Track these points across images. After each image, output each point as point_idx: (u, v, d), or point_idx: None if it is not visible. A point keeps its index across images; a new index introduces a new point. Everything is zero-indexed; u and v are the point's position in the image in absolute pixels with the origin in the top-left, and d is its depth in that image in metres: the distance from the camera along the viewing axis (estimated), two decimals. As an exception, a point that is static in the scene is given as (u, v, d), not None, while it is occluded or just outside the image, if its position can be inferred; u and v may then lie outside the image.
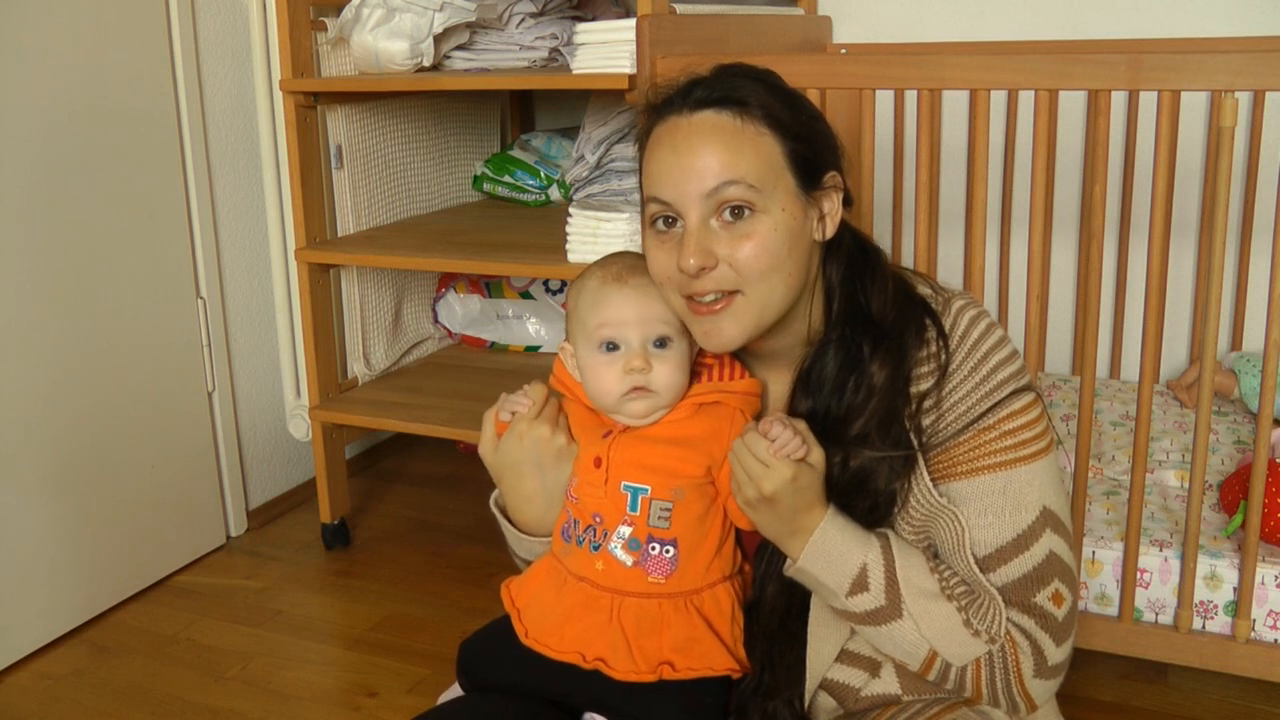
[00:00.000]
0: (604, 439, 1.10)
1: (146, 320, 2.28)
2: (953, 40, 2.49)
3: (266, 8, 2.39)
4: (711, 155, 1.02)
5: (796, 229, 1.05)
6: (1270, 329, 1.56)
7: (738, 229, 1.03)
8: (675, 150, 1.04)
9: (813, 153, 1.06)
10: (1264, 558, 1.69)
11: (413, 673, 2.00)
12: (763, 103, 1.04)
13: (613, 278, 1.10)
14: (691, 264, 1.02)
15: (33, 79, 2.01)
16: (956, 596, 1.05)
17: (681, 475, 1.08)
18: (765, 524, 1.06)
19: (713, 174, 1.02)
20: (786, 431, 1.02)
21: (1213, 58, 1.49)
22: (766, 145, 1.03)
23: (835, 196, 1.09)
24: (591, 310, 1.10)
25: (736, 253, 1.03)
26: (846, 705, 1.15)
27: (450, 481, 2.84)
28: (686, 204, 1.03)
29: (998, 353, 1.08)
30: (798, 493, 1.03)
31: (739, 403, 1.11)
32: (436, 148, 2.77)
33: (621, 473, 1.08)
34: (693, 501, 1.08)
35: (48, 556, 2.11)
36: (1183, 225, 2.41)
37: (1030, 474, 1.07)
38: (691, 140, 1.03)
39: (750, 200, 1.02)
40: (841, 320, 1.10)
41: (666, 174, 1.04)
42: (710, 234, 1.03)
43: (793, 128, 1.05)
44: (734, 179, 1.02)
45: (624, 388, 1.07)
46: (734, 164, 1.02)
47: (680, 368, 1.09)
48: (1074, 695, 1.83)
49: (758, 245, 1.02)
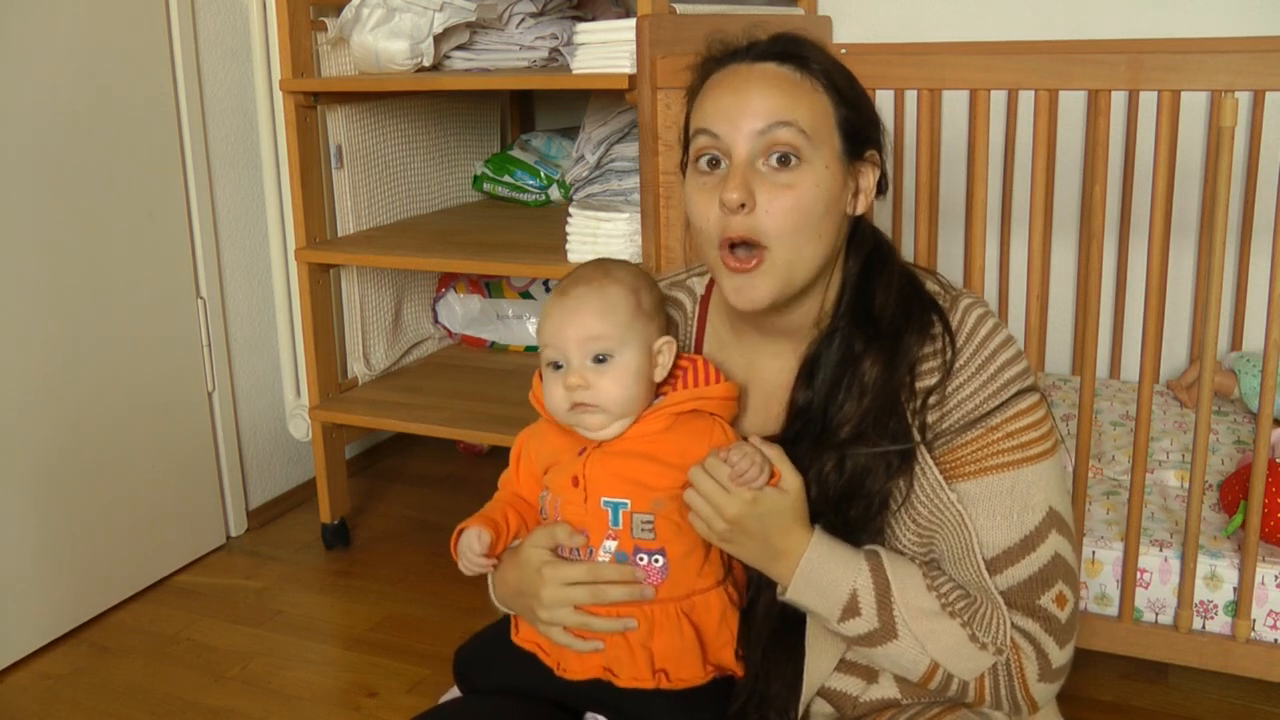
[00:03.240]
0: (579, 456, 1.09)
1: (146, 320, 2.28)
2: (953, 40, 2.48)
3: (266, 7, 2.39)
4: (769, 97, 1.03)
5: (835, 193, 1.05)
6: (1270, 329, 1.56)
7: (782, 177, 1.02)
8: (734, 89, 1.04)
9: (861, 124, 1.07)
10: (1264, 558, 1.69)
11: (413, 673, 2.00)
12: (823, 65, 1.05)
13: (559, 292, 1.10)
14: (734, 197, 1.01)
15: (33, 79, 2.01)
16: (959, 612, 1.05)
17: (658, 488, 1.07)
18: (742, 553, 1.06)
19: (767, 112, 1.02)
20: (745, 460, 1.02)
21: (1213, 58, 1.49)
22: (821, 103, 1.04)
23: (871, 175, 1.10)
24: (541, 326, 1.10)
25: (775, 201, 1.02)
26: (844, 712, 1.14)
27: (450, 481, 2.84)
28: (736, 138, 1.03)
29: (1004, 352, 1.08)
30: (763, 517, 1.03)
31: (717, 408, 1.10)
32: (436, 148, 2.77)
33: (599, 489, 1.07)
34: (673, 511, 1.07)
35: (48, 556, 2.10)
36: (1183, 225, 2.41)
37: (1036, 474, 1.07)
38: (751, 82, 1.04)
39: (799, 147, 1.02)
40: (847, 312, 1.10)
41: (721, 109, 1.04)
42: (755, 174, 1.03)
43: (848, 95, 1.06)
44: (788, 120, 1.02)
45: (566, 404, 1.07)
46: (790, 108, 1.02)
47: (622, 381, 1.07)
48: (1074, 695, 1.83)
49: (796, 198, 1.02)
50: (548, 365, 1.09)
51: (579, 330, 1.07)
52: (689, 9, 2.02)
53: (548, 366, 1.09)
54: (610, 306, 1.07)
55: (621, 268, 1.12)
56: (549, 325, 1.09)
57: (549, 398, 1.09)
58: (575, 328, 1.07)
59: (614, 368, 1.07)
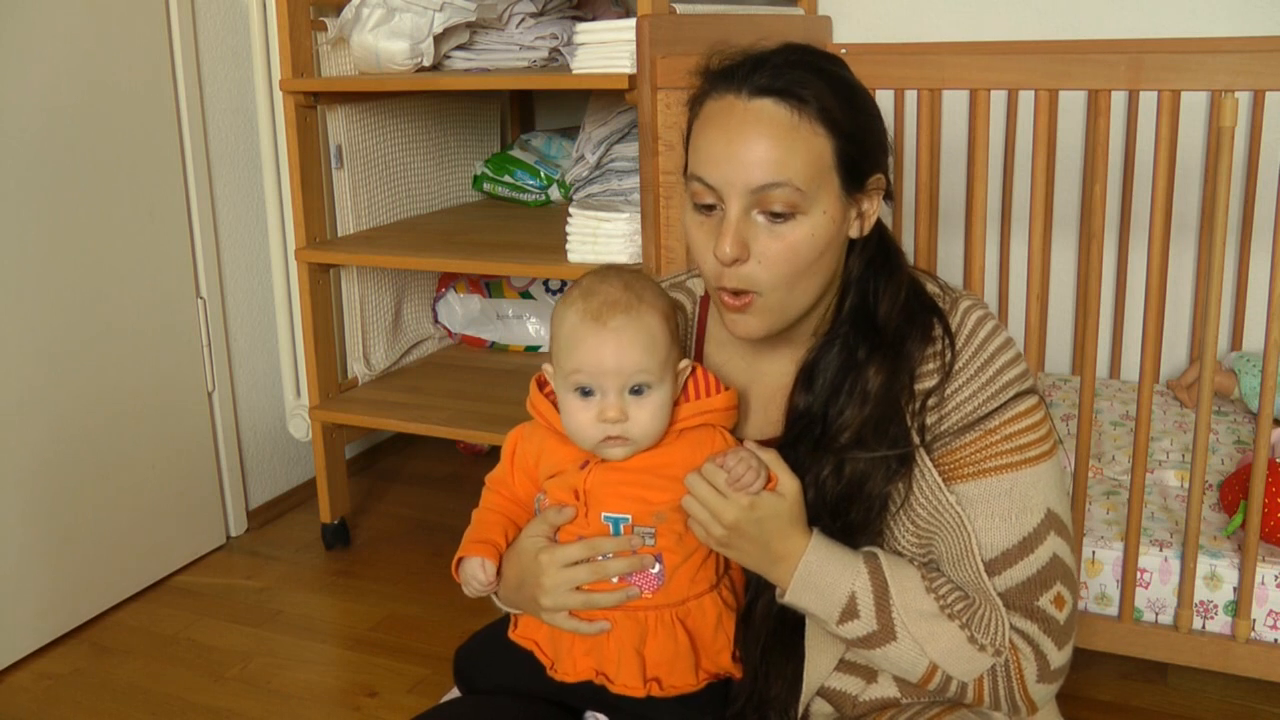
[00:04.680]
0: (581, 470, 1.08)
1: (146, 320, 2.28)
2: (953, 40, 2.48)
3: (266, 8, 2.39)
4: (763, 149, 1.01)
5: (833, 233, 1.04)
6: (1270, 329, 1.56)
7: (777, 228, 1.02)
8: (727, 135, 1.02)
9: (862, 154, 1.05)
10: (1264, 558, 1.69)
11: (413, 673, 2.00)
12: (822, 101, 1.02)
13: (592, 316, 1.04)
14: (727, 253, 1.01)
15: (33, 79, 2.01)
16: (957, 614, 1.05)
17: (660, 502, 1.06)
18: (742, 558, 1.06)
19: (761, 170, 1.01)
20: (740, 465, 1.02)
21: (1213, 58, 1.49)
22: (818, 146, 1.02)
23: (876, 198, 1.09)
24: (568, 351, 1.05)
25: (769, 250, 1.02)
26: (844, 711, 1.14)
27: (450, 481, 2.84)
28: (731, 193, 1.02)
29: (1003, 354, 1.08)
30: (761, 521, 1.03)
31: (719, 419, 1.10)
32: (436, 148, 2.77)
33: (601, 504, 1.07)
34: (676, 522, 1.06)
35: (48, 556, 2.10)
36: (1183, 225, 2.41)
37: (1035, 476, 1.07)
38: (745, 129, 1.02)
39: (795, 204, 1.01)
40: (850, 317, 1.10)
41: (715, 158, 1.03)
42: (750, 225, 1.03)
43: (847, 128, 1.04)
44: (782, 180, 1.01)
45: (599, 435, 1.04)
46: (784, 163, 1.01)
47: (658, 413, 1.05)
48: (1074, 695, 1.83)
49: (790, 249, 1.02)
50: (574, 390, 1.05)
51: (621, 362, 1.03)
52: (689, 9, 2.02)
53: (574, 391, 1.05)
54: (652, 340, 1.04)
55: (647, 288, 1.07)
56: (583, 352, 1.04)
57: (576, 424, 1.06)
58: (617, 359, 1.03)
59: (651, 400, 1.04)
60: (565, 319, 1.06)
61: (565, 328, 1.06)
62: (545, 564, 1.07)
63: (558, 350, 1.07)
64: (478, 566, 1.11)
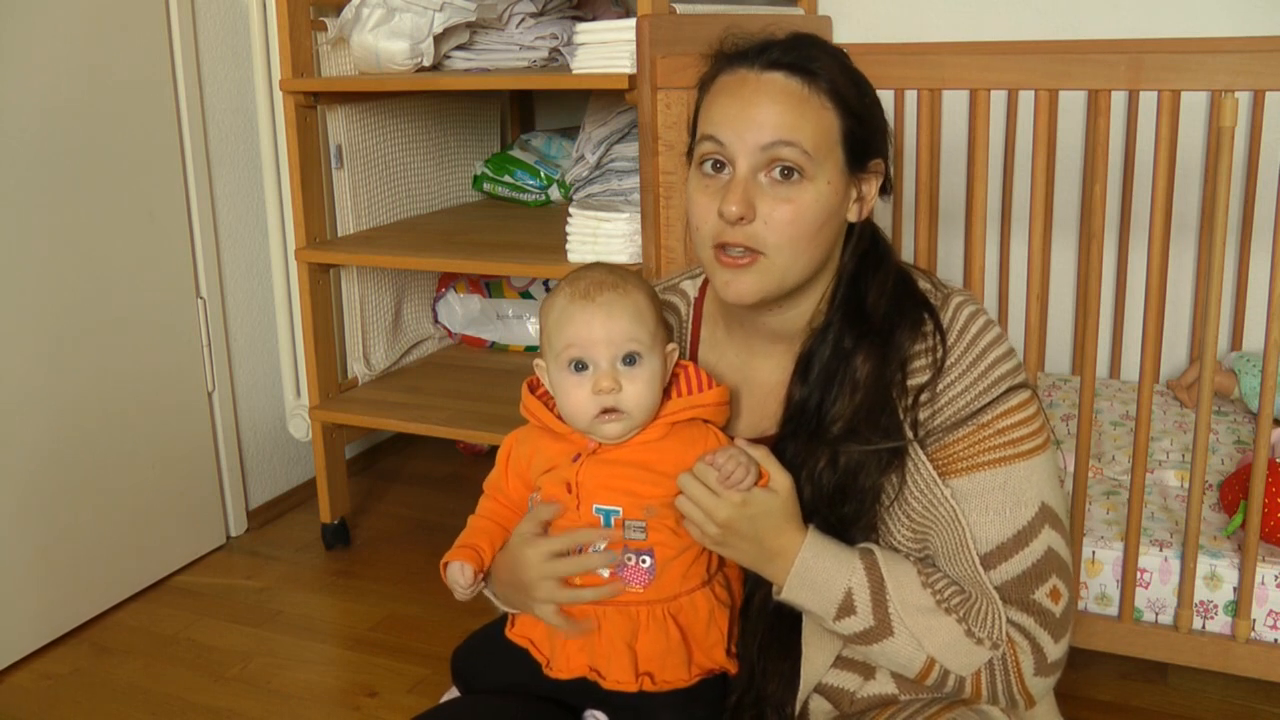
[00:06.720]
0: (573, 463, 1.09)
1: (146, 320, 2.28)
2: (953, 40, 2.49)
3: (266, 8, 2.39)
4: (775, 112, 1.03)
5: (835, 205, 1.06)
6: (1270, 329, 1.56)
7: (782, 190, 1.04)
8: (741, 99, 1.05)
9: (866, 135, 1.08)
10: (1264, 558, 1.69)
11: (413, 673, 2.00)
12: (831, 77, 1.05)
13: (580, 294, 1.07)
14: (733, 210, 1.02)
15: (33, 79, 2.01)
16: (954, 608, 1.05)
17: (650, 496, 1.07)
18: (737, 556, 1.07)
19: (772, 128, 1.03)
20: (731, 462, 1.03)
21: (1213, 58, 1.49)
22: (827, 119, 1.05)
23: (875, 182, 1.11)
24: (559, 329, 1.07)
25: (775, 212, 1.03)
26: (842, 708, 1.14)
27: (450, 481, 2.84)
28: (740, 150, 1.04)
29: (995, 349, 1.09)
30: (754, 519, 1.03)
31: (711, 414, 1.10)
32: (436, 148, 2.77)
33: (592, 496, 1.07)
34: (666, 516, 1.07)
35: (48, 556, 2.11)
36: (1183, 225, 2.41)
37: (1028, 470, 1.07)
38: (758, 94, 1.04)
39: (801, 165, 1.03)
40: (840, 308, 1.11)
41: (727, 118, 1.05)
42: (756, 186, 1.04)
43: (854, 107, 1.06)
44: (791, 140, 1.03)
45: (594, 409, 1.05)
46: (795, 126, 1.03)
47: (651, 385, 1.06)
48: (1074, 695, 1.83)
49: (796, 212, 1.03)
50: (568, 366, 1.07)
51: (611, 331, 1.05)
52: (689, 9, 2.02)
53: (568, 367, 1.07)
54: (640, 312, 1.07)
55: (631, 275, 1.11)
56: (574, 327, 1.06)
57: (571, 402, 1.07)
58: (607, 328, 1.05)
59: (643, 370, 1.06)
60: (554, 305, 1.09)
61: (555, 312, 1.09)
62: (530, 557, 1.08)
63: (549, 334, 1.09)
64: (458, 571, 1.13)
